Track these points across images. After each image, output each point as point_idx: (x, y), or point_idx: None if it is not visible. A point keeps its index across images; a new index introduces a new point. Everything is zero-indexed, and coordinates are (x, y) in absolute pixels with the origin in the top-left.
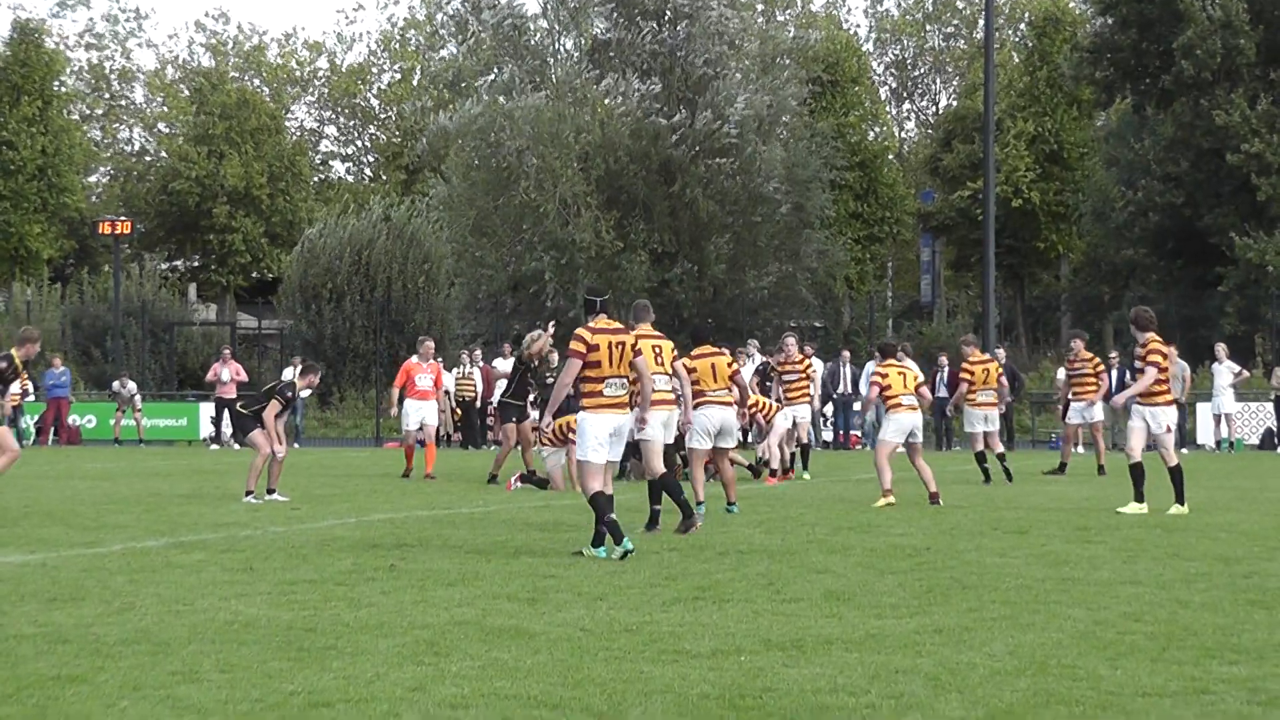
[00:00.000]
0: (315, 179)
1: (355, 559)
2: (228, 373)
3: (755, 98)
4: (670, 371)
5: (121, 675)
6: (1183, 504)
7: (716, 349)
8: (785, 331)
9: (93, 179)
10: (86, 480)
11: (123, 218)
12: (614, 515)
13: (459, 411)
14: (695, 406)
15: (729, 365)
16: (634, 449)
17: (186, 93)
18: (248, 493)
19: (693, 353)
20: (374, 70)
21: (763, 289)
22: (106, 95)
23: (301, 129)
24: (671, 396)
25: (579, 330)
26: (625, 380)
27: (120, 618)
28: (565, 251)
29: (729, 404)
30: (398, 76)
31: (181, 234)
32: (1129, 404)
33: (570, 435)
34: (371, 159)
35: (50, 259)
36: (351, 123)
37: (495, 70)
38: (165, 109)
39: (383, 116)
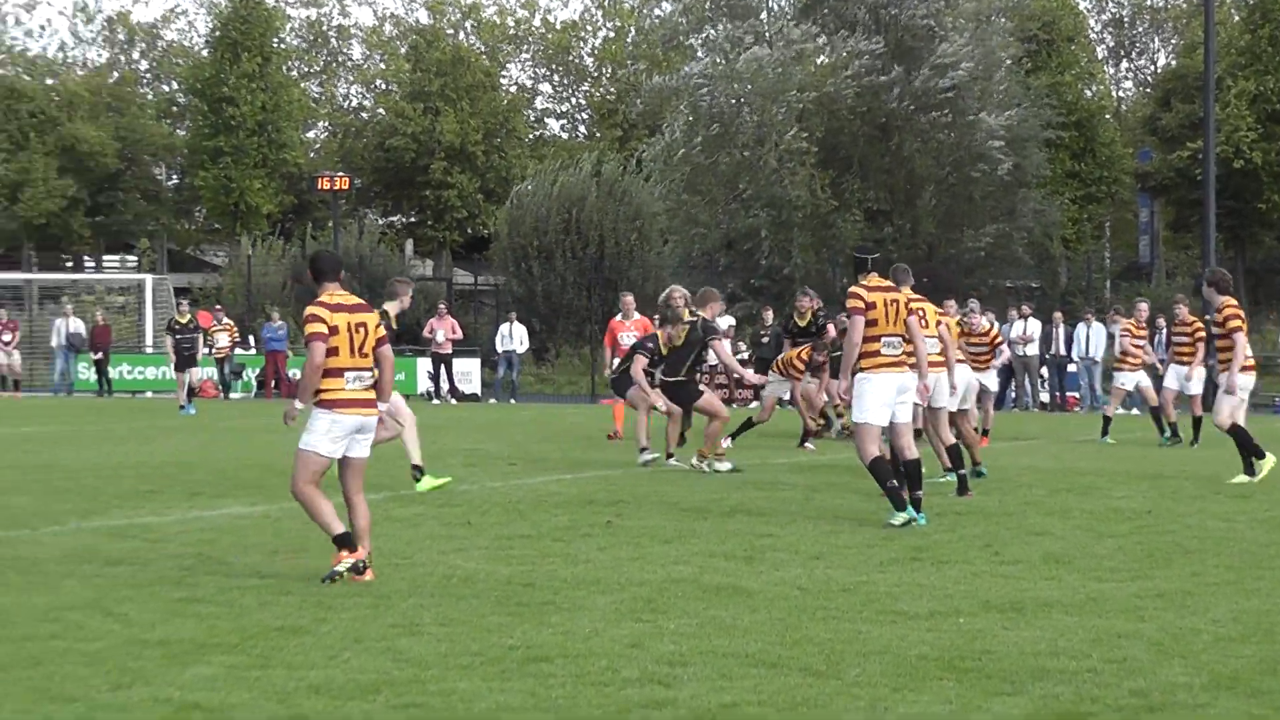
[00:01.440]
0: (530, 136)
1: (572, 515)
2: (443, 330)
3: (972, 53)
4: (936, 334)
5: (343, 627)
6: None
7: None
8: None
9: (311, 135)
10: None
11: (341, 174)
12: (895, 482)
13: None
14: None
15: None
16: None
17: (403, 50)
18: (642, 449)
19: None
20: (588, 28)
21: (979, 249)
22: (325, 52)
23: (516, 86)
24: (941, 360)
25: (854, 288)
26: (901, 339)
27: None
28: (781, 209)
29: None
30: (612, 34)
31: (398, 190)
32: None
33: (793, 370)
34: (586, 116)
35: (270, 214)
36: (566, 80)
37: (711, 27)
38: (383, 66)
39: (597, 74)
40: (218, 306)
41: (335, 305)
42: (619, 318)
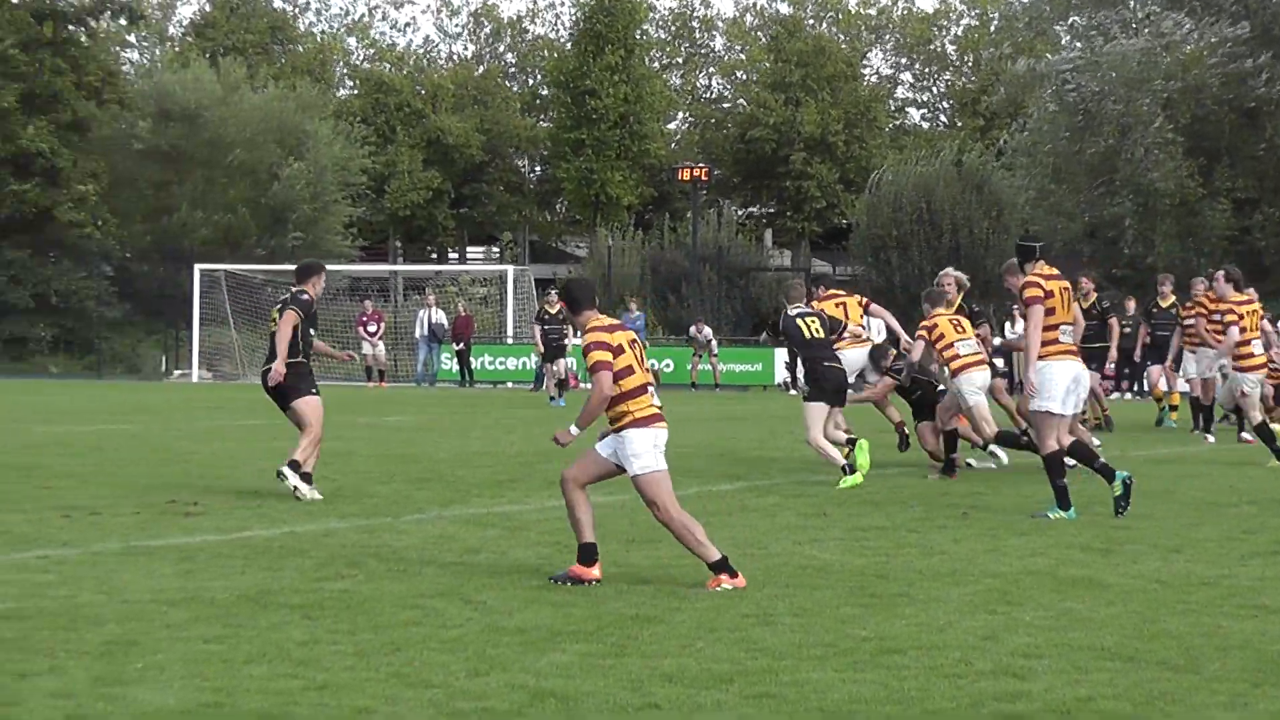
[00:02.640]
0: (890, 126)
1: (927, 507)
2: None
3: None
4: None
5: (697, 616)
6: None
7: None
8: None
9: (672, 126)
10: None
11: (701, 164)
12: (1065, 480)
13: None
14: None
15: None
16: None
17: (764, 40)
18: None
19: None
20: (950, 16)
21: None
22: (686, 43)
23: (877, 75)
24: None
25: (1032, 277)
26: (1071, 326)
27: (695, 560)
28: (1147, 198)
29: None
30: (974, 22)
31: (757, 180)
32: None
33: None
34: (947, 105)
35: (630, 205)
36: (927, 69)
37: (1076, 14)
38: (743, 56)
39: (958, 62)
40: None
41: (610, 326)
42: None
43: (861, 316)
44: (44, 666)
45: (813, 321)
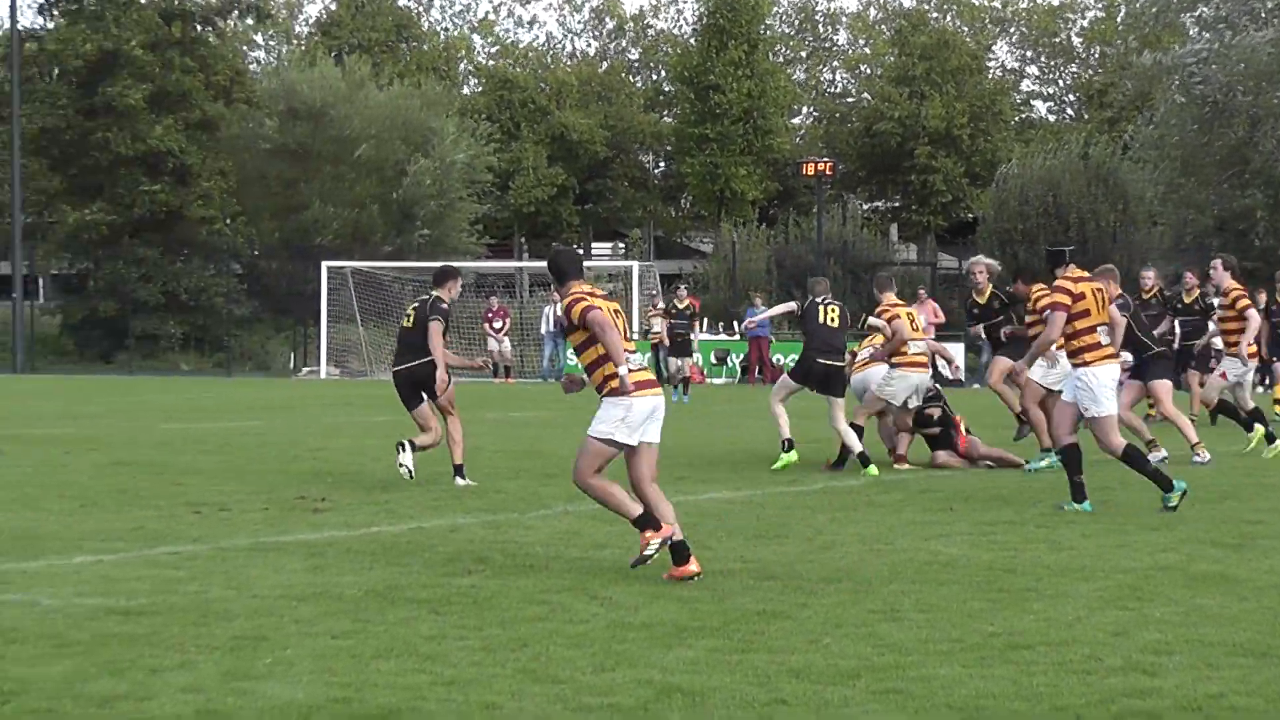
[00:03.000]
0: (1016, 119)
1: (1055, 501)
2: (924, 315)
3: None
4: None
5: (824, 612)
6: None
7: None
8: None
9: (796, 121)
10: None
11: (825, 159)
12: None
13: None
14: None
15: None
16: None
17: (888, 34)
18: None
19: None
20: (1076, 8)
21: None
22: (810, 37)
23: (1002, 68)
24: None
25: (1060, 281)
26: (1107, 328)
27: (822, 555)
28: (1278, 190)
29: None
30: (1100, 14)
31: (883, 174)
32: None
33: None
34: (1073, 98)
35: (755, 200)
36: (1053, 61)
37: (1204, 5)
38: (867, 50)
39: (1085, 55)
40: (653, 293)
41: (593, 293)
42: None
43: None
44: (175, 661)
45: (832, 309)
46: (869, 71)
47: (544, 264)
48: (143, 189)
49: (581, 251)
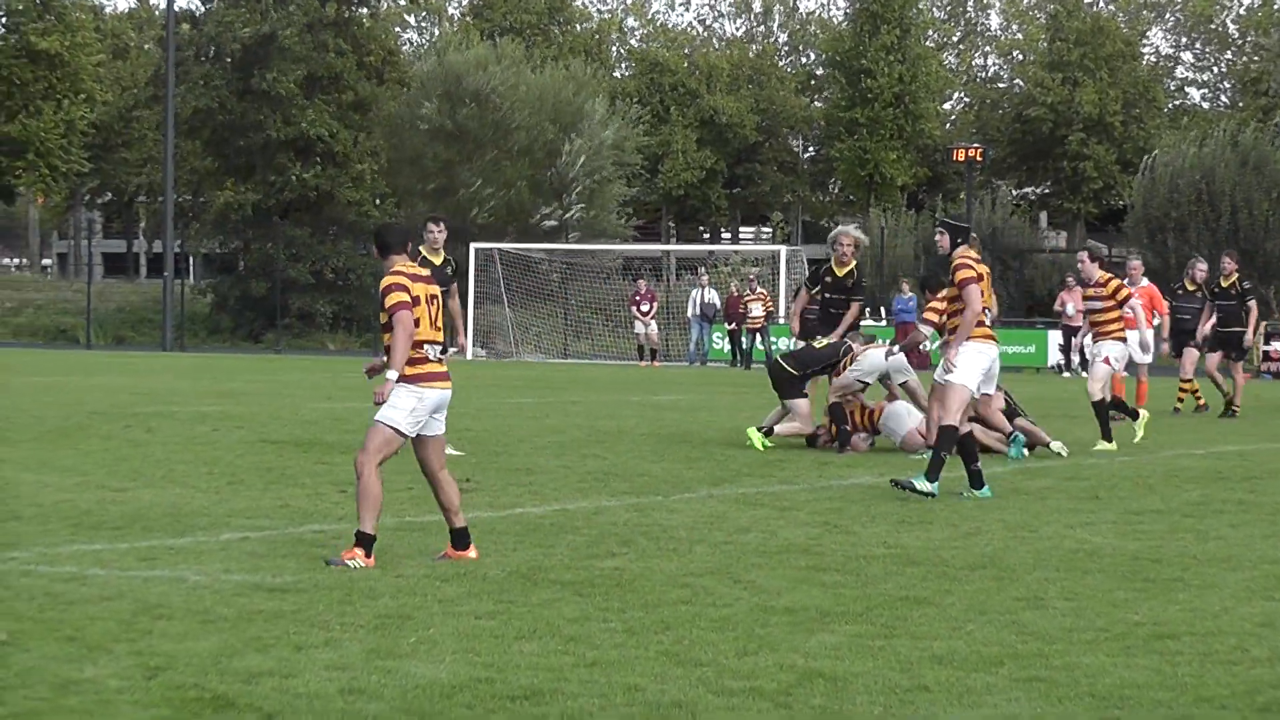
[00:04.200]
0: (1169, 105)
1: (1204, 490)
2: (1073, 303)
3: None
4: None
5: (967, 599)
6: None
7: None
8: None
9: (947, 106)
10: None
11: (976, 145)
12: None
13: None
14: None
15: None
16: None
17: (1042, 19)
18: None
19: None
20: None
21: None
22: (962, 22)
23: (1157, 54)
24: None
25: (965, 259)
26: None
27: (966, 542)
28: None
29: None
30: (1257, 1)
31: (1034, 161)
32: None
33: None
34: (1228, 86)
35: (904, 185)
36: (1208, 49)
37: None
38: (1020, 36)
39: (1240, 42)
40: (750, 276)
41: (414, 275)
42: None
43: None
44: (320, 639)
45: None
46: (1021, 57)
47: (691, 247)
48: (293, 173)
49: (728, 235)
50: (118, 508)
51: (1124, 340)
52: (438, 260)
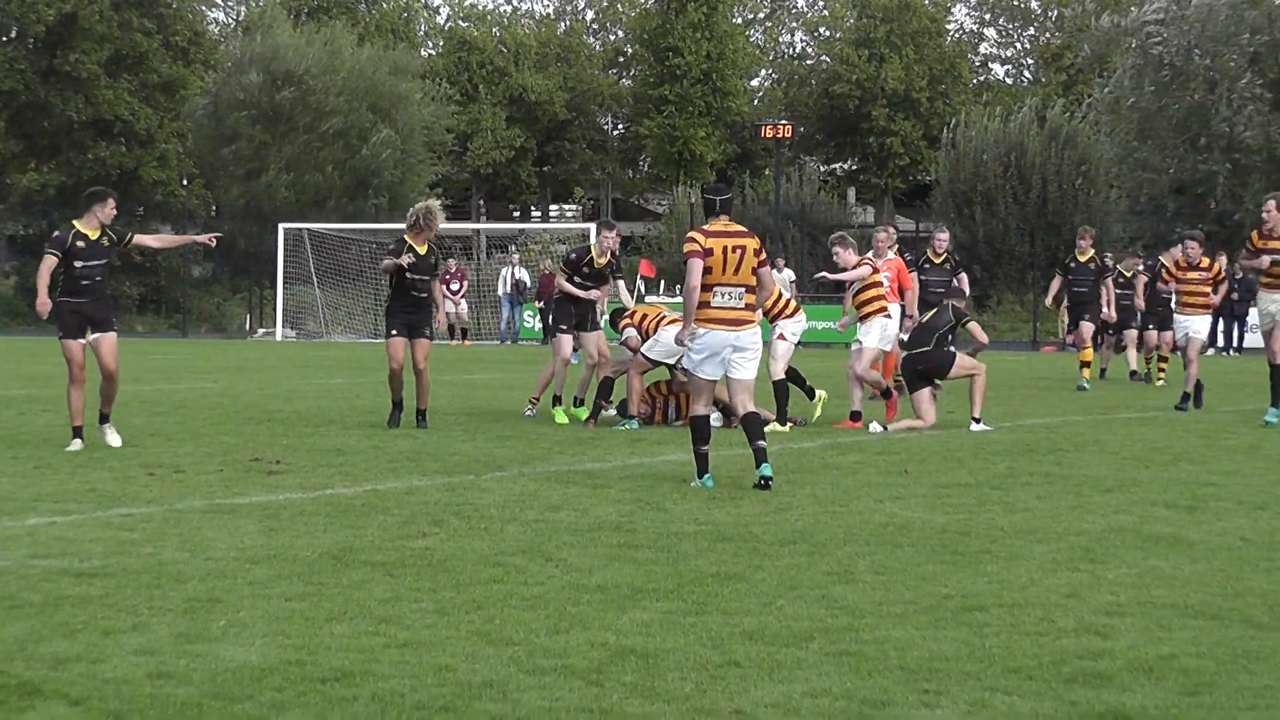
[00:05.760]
0: (974, 81)
1: (1011, 463)
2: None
3: None
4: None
5: (778, 574)
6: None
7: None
8: None
9: (755, 83)
10: None
11: (784, 121)
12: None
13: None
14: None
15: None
16: None
17: None
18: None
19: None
20: None
21: None
22: None
23: (962, 30)
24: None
25: (692, 233)
26: (745, 289)
27: (777, 517)
28: (1236, 153)
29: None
30: None
31: (841, 137)
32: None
33: None
34: (1031, 61)
35: (714, 162)
36: (1011, 24)
37: None
38: (826, 13)
39: (1042, 18)
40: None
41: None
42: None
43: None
44: (128, 623)
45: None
46: (828, 34)
47: (501, 225)
48: (94, 153)
49: (538, 214)
50: None
51: (888, 316)
52: (423, 250)
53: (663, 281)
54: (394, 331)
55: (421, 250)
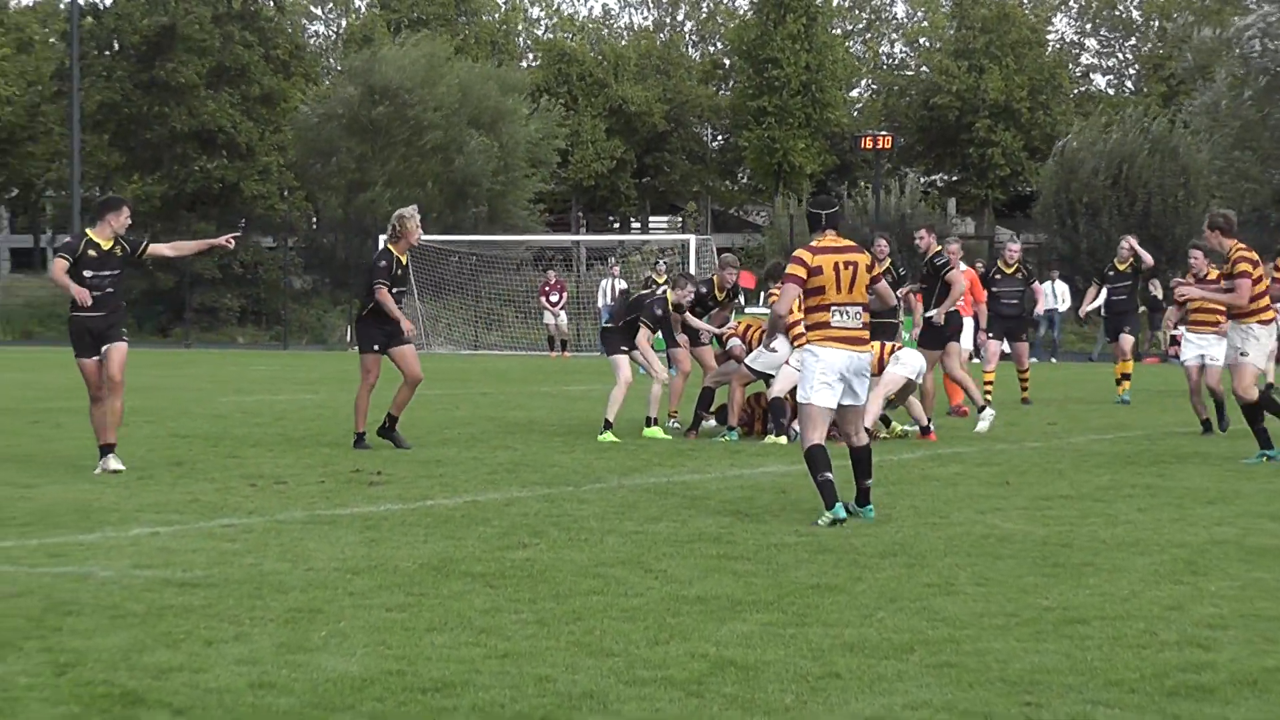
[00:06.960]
0: (1075, 91)
1: (1112, 475)
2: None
3: None
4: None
5: (878, 586)
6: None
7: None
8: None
9: (855, 94)
10: None
11: (884, 132)
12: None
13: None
14: None
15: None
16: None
17: (947, 6)
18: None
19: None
20: None
21: None
22: (868, 10)
23: (1062, 41)
24: None
25: (798, 251)
26: (862, 308)
27: (877, 529)
28: None
29: None
30: None
31: (941, 148)
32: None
33: None
34: (1133, 71)
35: (813, 173)
36: (1113, 34)
37: None
38: (926, 24)
39: (1144, 28)
40: (661, 265)
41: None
42: None
43: None
44: (230, 633)
45: None
46: (928, 44)
47: (601, 237)
48: (197, 164)
49: (637, 225)
50: (26, 504)
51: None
52: (404, 259)
53: (762, 293)
54: (374, 347)
55: (404, 259)
